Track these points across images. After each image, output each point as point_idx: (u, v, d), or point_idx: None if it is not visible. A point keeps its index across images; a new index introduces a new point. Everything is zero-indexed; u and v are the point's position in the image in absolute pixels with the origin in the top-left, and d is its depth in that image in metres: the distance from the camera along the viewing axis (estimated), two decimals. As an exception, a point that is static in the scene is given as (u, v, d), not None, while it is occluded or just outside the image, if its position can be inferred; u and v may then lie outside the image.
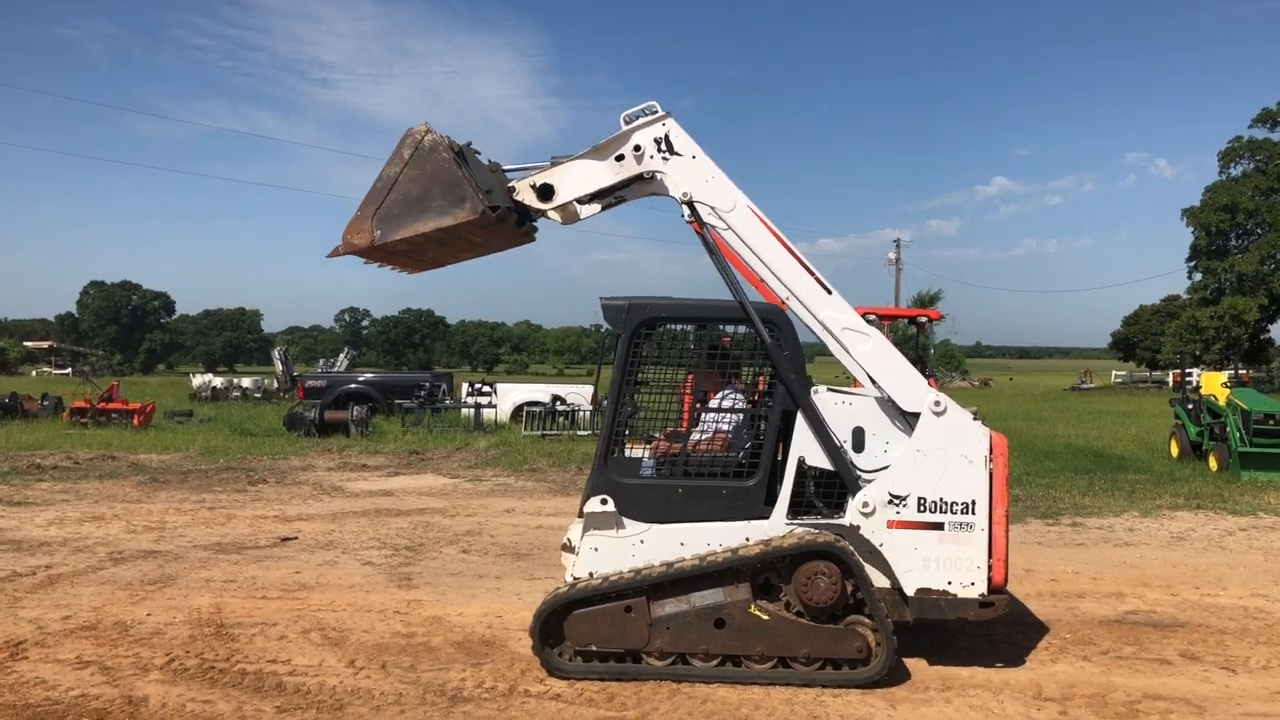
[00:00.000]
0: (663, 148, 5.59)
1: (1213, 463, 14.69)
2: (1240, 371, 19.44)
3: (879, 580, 5.42)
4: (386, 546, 9.07)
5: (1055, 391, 57.63)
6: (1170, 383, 55.35)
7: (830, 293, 5.57)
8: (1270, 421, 14.03)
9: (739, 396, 6.02)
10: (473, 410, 21.58)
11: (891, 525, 5.40)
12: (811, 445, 5.47)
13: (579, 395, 21.77)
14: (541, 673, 5.44)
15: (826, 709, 5.02)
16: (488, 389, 22.78)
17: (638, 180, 5.67)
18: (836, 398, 5.60)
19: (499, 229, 5.63)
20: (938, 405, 5.45)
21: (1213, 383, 16.97)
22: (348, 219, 5.51)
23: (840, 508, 5.49)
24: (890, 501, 5.41)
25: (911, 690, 5.31)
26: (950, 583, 5.39)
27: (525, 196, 5.68)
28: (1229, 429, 14.51)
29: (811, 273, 5.58)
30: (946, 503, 5.39)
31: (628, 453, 5.94)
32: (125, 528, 9.87)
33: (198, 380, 37.93)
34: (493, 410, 22.06)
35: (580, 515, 5.62)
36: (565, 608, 5.39)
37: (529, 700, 5.11)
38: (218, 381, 37.74)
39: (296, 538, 9.44)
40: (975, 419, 5.55)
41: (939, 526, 5.39)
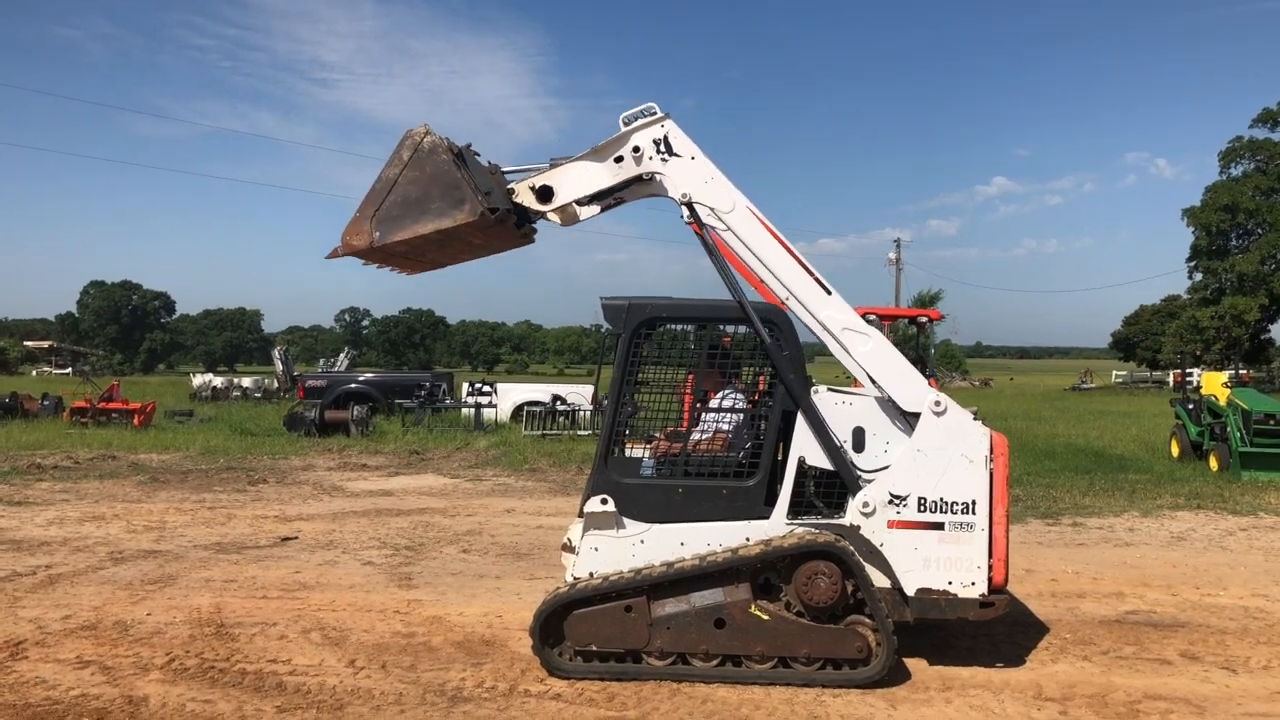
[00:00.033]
0: (662, 149, 5.58)
1: (1213, 463, 14.69)
2: (1241, 371, 19.43)
3: (879, 580, 5.42)
4: (387, 546, 9.07)
5: (1055, 391, 57.62)
6: (1170, 383, 55.36)
7: (830, 293, 5.57)
8: (1271, 421, 14.03)
9: (739, 396, 6.02)
10: (473, 410, 21.59)
11: (892, 525, 5.40)
12: (812, 445, 5.47)
13: (579, 395, 21.77)
14: (542, 672, 5.44)
15: (827, 709, 5.02)
16: (488, 389, 22.79)
17: (637, 182, 5.66)
18: (837, 398, 5.60)
19: (498, 231, 5.62)
20: (938, 405, 5.45)
21: (1213, 383, 16.96)
22: (347, 219, 5.52)
23: (840, 508, 5.49)
24: (890, 501, 5.40)
25: (912, 690, 5.31)
26: (950, 583, 5.39)
27: (524, 198, 5.68)
28: (1229, 429, 14.51)
29: (811, 273, 5.57)
30: (947, 503, 5.39)
31: (628, 453, 5.93)
32: (125, 527, 9.87)
33: (198, 380, 37.91)
34: (493, 410, 22.06)
35: (580, 515, 5.62)
36: (565, 607, 5.39)
37: (529, 700, 5.11)
38: (218, 381, 37.73)
39: (297, 537, 9.44)
40: (975, 419, 5.55)
41: (939, 526, 5.39)
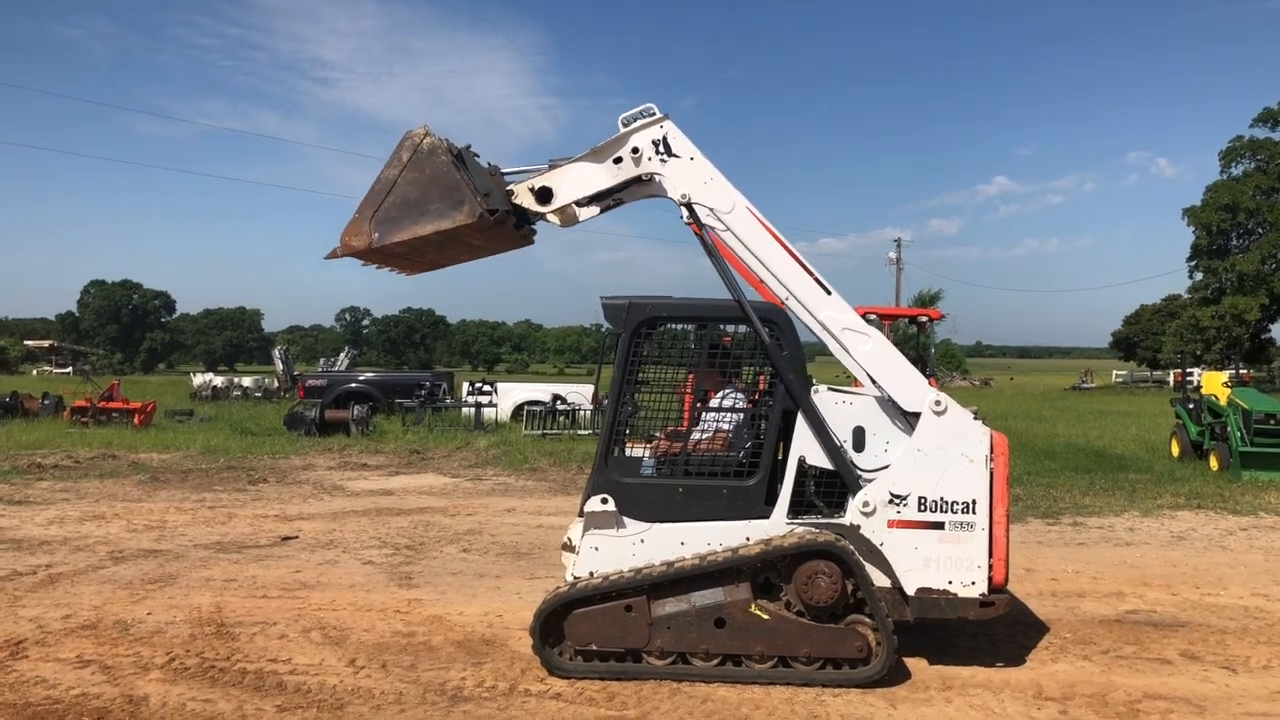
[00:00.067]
0: (661, 150, 5.58)
1: (1213, 462, 14.69)
2: (1241, 371, 19.42)
3: (879, 580, 5.42)
4: (387, 546, 9.07)
5: (1056, 391, 57.59)
6: (1171, 382, 55.35)
7: (830, 293, 5.56)
8: (1271, 421, 14.02)
9: (739, 396, 6.01)
10: (473, 409, 21.60)
11: (892, 525, 5.40)
12: (812, 445, 5.47)
13: (579, 395, 21.76)
14: (542, 672, 5.44)
15: (827, 708, 5.02)
16: (488, 388, 22.78)
17: (636, 182, 5.66)
18: (837, 397, 5.60)
19: (497, 232, 5.62)
20: (938, 405, 5.45)
21: (1213, 382, 16.96)
22: (347, 219, 5.52)
23: (841, 507, 5.49)
24: (891, 501, 5.40)
25: (912, 690, 5.31)
26: (951, 582, 5.39)
27: (524, 200, 5.68)
28: (1230, 428, 14.51)
29: (810, 273, 5.57)
30: (947, 502, 5.39)
31: (628, 452, 5.93)
32: (126, 527, 9.87)
33: (198, 379, 37.91)
34: (493, 409, 22.06)
35: (581, 514, 5.62)
36: (566, 607, 5.39)
37: (529, 699, 5.11)
38: (218, 381, 37.73)
39: (297, 537, 9.44)
40: (976, 418, 5.55)
41: (939, 526, 5.39)
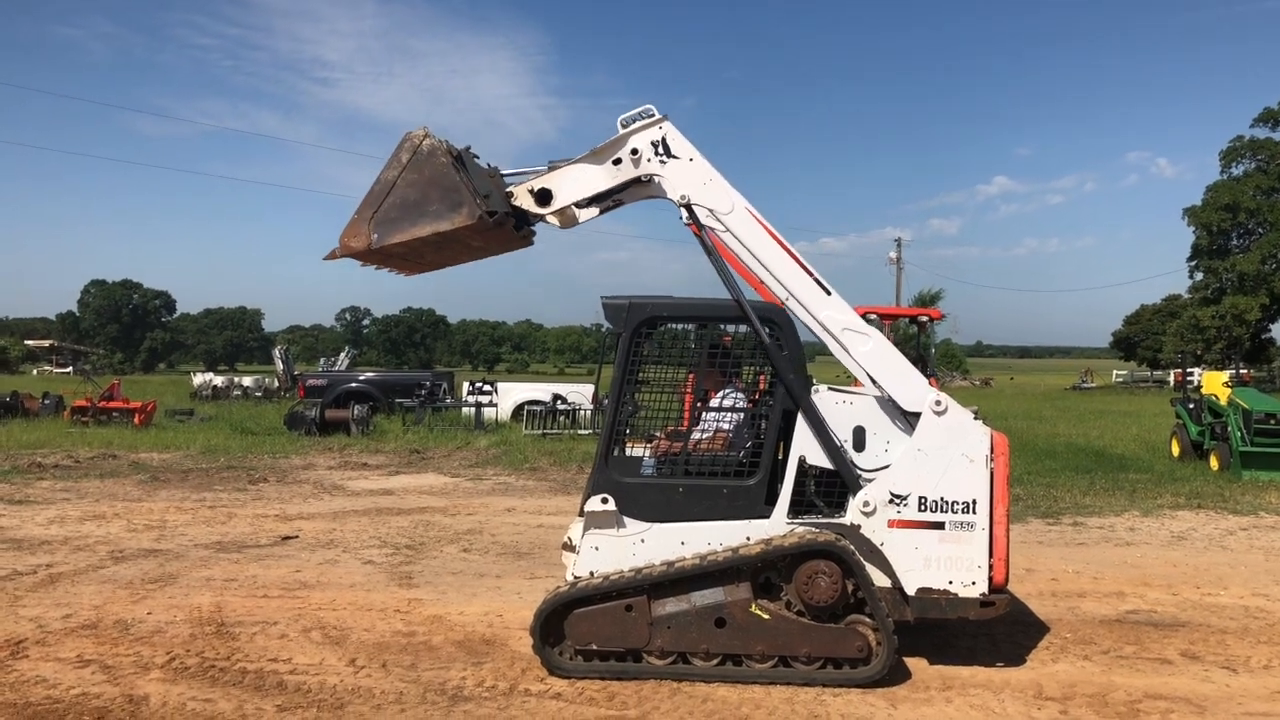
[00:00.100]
0: (660, 151, 5.58)
1: (1214, 462, 14.68)
2: (1241, 371, 19.41)
3: (880, 579, 5.42)
4: (387, 545, 9.07)
5: (1056, 391, 57.58)
6: (1171, 382, 55.27)
7: (829, 293, 5.56)
8: (1271, 421, 14.02)
9: (740, 395, 6.01)
10: (473, 409, 21.60)
11: (892, 524, 5.40)
12: (812, 444, 5.47)
13: (580, 394, 21.77)
14: (542, 672, 5.44)
15: (827, 708, 5.02)
16: (488, 388, 22.78)
17: (635, 184, 5.66)
18: (837, 397, 5.60)
19: (497, 233, 5.63)
20: (938, 405, 5.45)
21: (1214, 382, 16.96)
22: (347, 219, 5.52)
23: (841, 507, 5.49)
24: (891, 501, 5.40)
25: (912, 689, 5.31)
26: (951, 582, 5.39)
27: (523, 201, 5.68)
28: (1230, 428, 14.51)
29: (810, 274, 5.57)
30: (947, 502, 5.39)
31: (628, 452, 5.93)
32: (126, 526, 9.87)
33: (198, 379, 37.93)
34: (493, 409, 22.06)
35: (581, 514, 5.62)
36: (566, 607, 5.39)
37: (529, 699, 5.11)
38: (218, 380, 37.76)
39: (297, 536, 9.45)
40: (976, 418, 5.55)
41: (940, 526, 5.39)
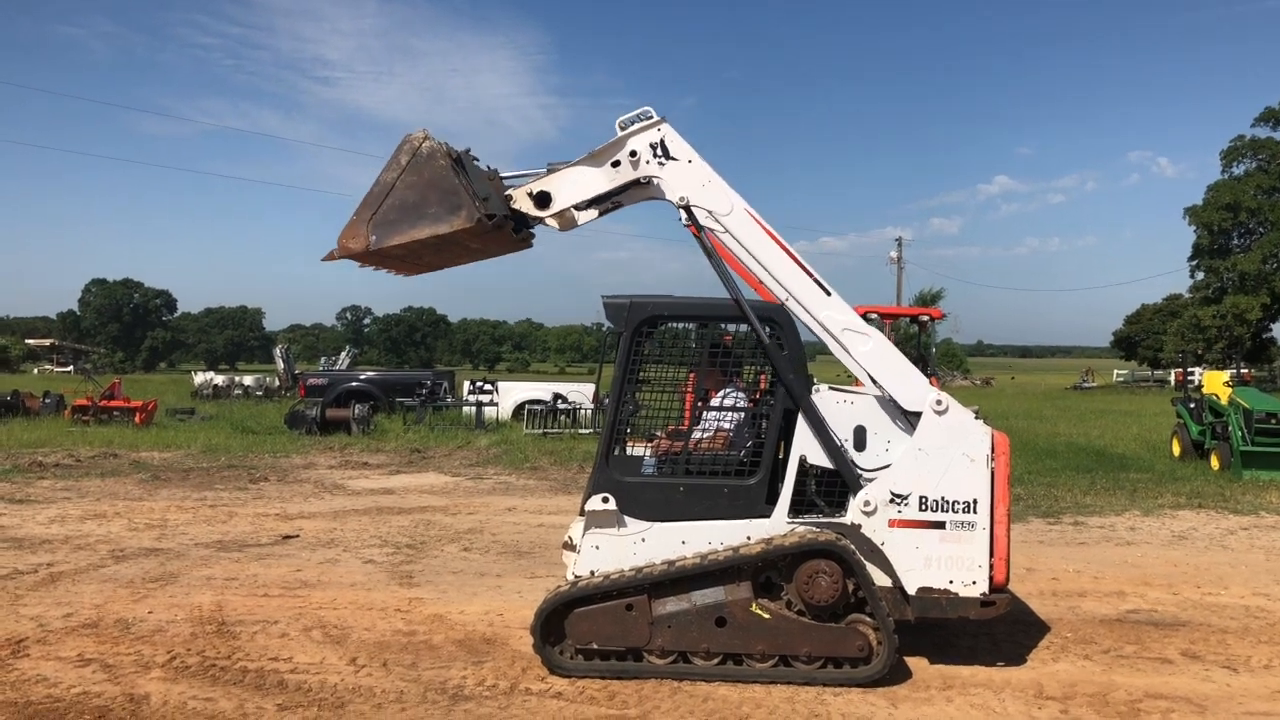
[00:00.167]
0: (658, 153, 5.58)
1: (1214, 462, 14.68)
2: (1242, 370, 19.42)
3: (880, 579, 5.42)
4: (388, 544, 9.07)
5: (1057, 390, 57.56)
6: (1172, 382, 55.23)
7: (829, 294, 5.56)
8: (1272, 420, 14.01)
9: (741, 395, 6.01)
10: (474, 408, 21.61)
11: (893, 524, 5.40)
12: (813, 444, 5.47)
13: (580, 394, 21.77)
14: (543, 671, 5.44)
15: (828, 708, 5.02)
16: (489, 387, 22.79)
17: (634, 185, 5.66)
18: (838, 396, 5.59)
19: (495, 236, 5.64)
20: (939, 404, 5.45)
21: (1215, 382, 16.96)
22: (347, 219, 5.52)
23: (842, 506, 5.49)
24: (892, 500, 5.40)
25: (913, 689, 5.31)
26: (952, 581, 5.39)
27: (522, 204, 5.69)
28: (1231, 428, 14.50)
29: (810, 274, 5.57)
30: (948, 502, 5.39)
31: (629, 451, 5.93)
32: (127, 525, 9.88)
33: (199, 378, 37.98)
34: (494, 408, 22.06)
35: (582, 513, 5.62)
36: (566, 606, 5.39)
37: (530, 698, 5.11)
38: (219, 379, 37.81)
39: (298, 536, 9.45)
40: (977, 418, 5.55)
41: (940, 525, 5.39)
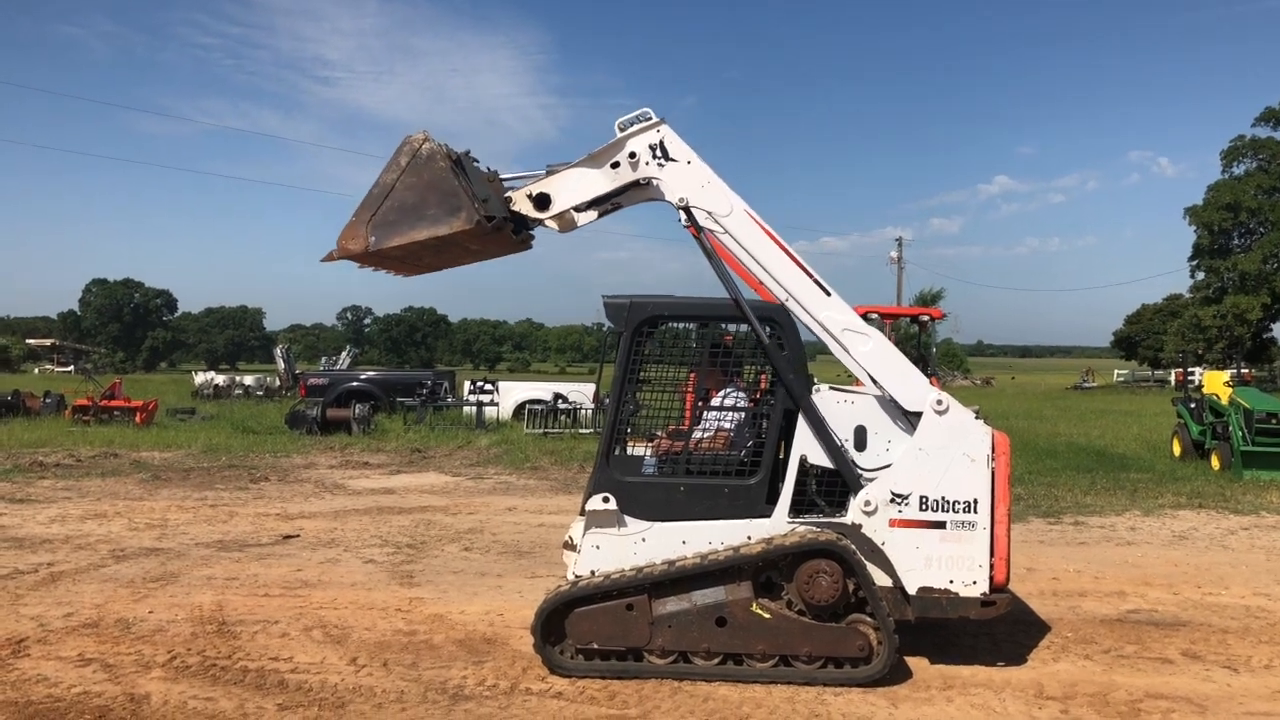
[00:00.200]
0: (658, 154, 5.58)
1: (1215, 462, 14.68)
2: (1243, 370, 19.41)
3: (881, 579, 5.42)
4: (388, 544, 9.07)
5: (1057, 390, 57.56)
6: (1172, 382, 55.23)
7: (829, 294, 5.55)
8: (1273, 420, 14.00)
9: (741, 395, 6.01)
10: (474, 408, 21.61)
11: (893, 524, 5.40)
12: (813, 444, 5.47)
13: (581, 393, 21.77)
14: (543, 671, 5.44)
15: (828, 707, 5.02)
16: (489, 387, 22.79)
17: (634, 187, 5.66)
18: (839, 396, 5.59)
19: (495, 237, 5.64)
20: (939, 404, 5.45)
21: (1215, 382, 16.96)
22: (347, 219, 5.52)
23: (842, 506, 5.48)
24: (892, 500, 5.40)
25: (913, 689, 5.31)
26: (952, 581, 5.39)
27: (522, 206, 5.69)
28: (1231, 428, 14.50)
29: (810, 275, 5.57)
30: (948, 501, 5.39)
31: (630, 451, 5.93)
32: (127, 525, 9.88)
33: (200, 378, 38.00)
34: (494, 408, 22.06)
35: (582, 513, 5.62)
36: (567, 605, 5.39)
37: (530, 698, 5.11)
38: (220, 379, 37.82)
39: (298, 535, 9.45)
40: (977, 418, 5.55)
41: (941, 525, 5.39)
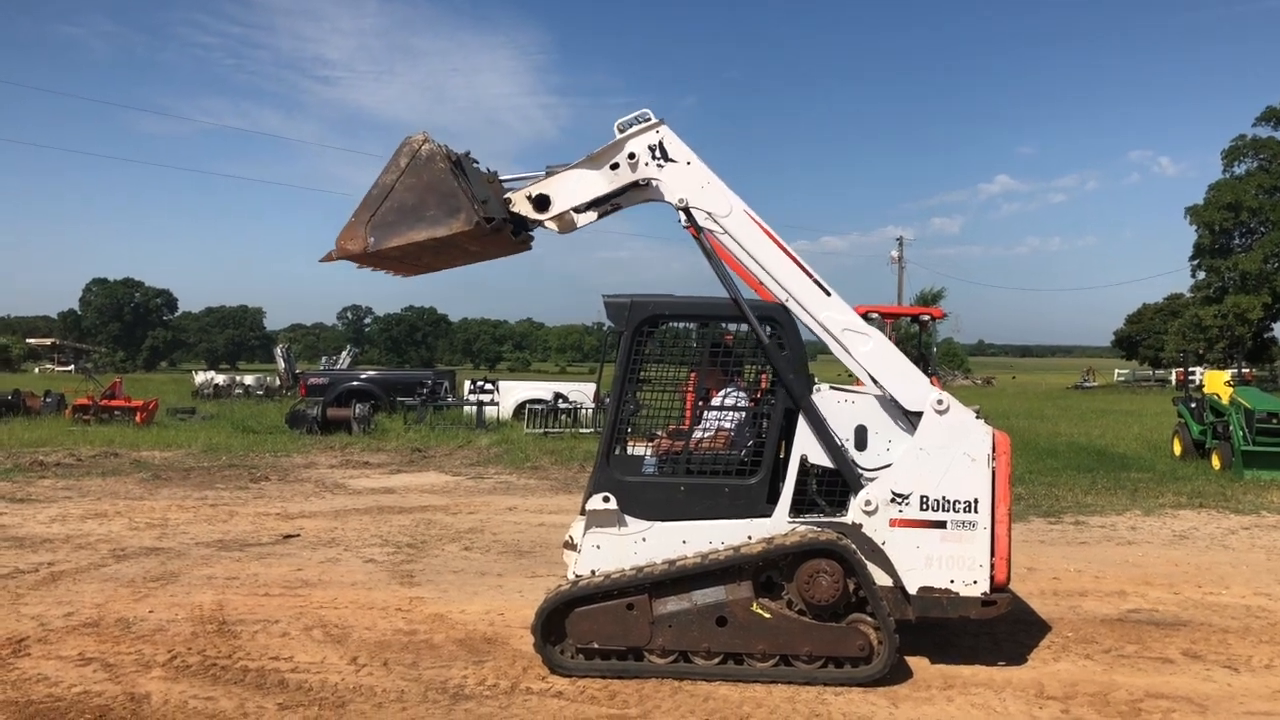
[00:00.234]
0: (657, 155, 5.57)
1: (1216, 461, 14.68)
2: (1243, 370, 19.41)
3: (881, 578, 5.41)
4: (388, 544, 9.07)
5: (1058, 390, 57.56)
6: (1173, 381, 55.26)
7: (829, 294, 5.55)
8: (1274, 420, 14.00)
9: (742, 394, 6.01)
10: (475, 408, 21.61)
11: (894, 524, 5.40)
12: (814, 443, 5.46)
13: (581, 393, 21.76)
14: (543, 670, 5.44)
15: (828, 707, 5.02)
16: (490, 387, 22.79)
17: (633, 188, 5.65)
18: (839, 396, 5.59)
19: (495, 238, 5.63)
20: (940, 404, 5.44)
21: (1216, 381, 16.95)
22: (346, 219, 5.52)
23: (843, 506, 5.48)
24: (893, 500, 5.40)
25: (913, 688, 5.31)
26: (953, 581, 5.39)
27: (521, 207, 5.68)
28: (1232, 428, 14.49)
29: (809, 275, 5.56)
30: (949, 501, 5.39)
31: (630, 450, 5.93)
32: (128, 525, 9.88)
33: (200, 377, 37.98)
34: (495, 408, 22.06)
35: (582, 513, 5.62)
36: (567, 605, 5.39)
37: (531, 698, 5.11)
38: (220, 379, 37.81)
39: (299, 535, 9.45)
40: (978, 417, 5.55)
41: (941, 525, 5.39)
